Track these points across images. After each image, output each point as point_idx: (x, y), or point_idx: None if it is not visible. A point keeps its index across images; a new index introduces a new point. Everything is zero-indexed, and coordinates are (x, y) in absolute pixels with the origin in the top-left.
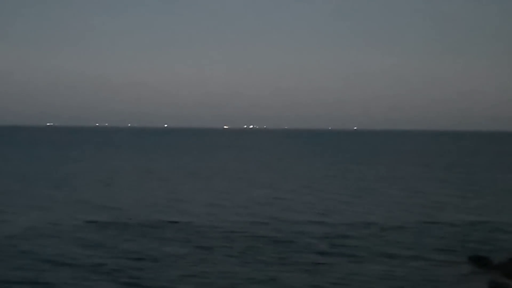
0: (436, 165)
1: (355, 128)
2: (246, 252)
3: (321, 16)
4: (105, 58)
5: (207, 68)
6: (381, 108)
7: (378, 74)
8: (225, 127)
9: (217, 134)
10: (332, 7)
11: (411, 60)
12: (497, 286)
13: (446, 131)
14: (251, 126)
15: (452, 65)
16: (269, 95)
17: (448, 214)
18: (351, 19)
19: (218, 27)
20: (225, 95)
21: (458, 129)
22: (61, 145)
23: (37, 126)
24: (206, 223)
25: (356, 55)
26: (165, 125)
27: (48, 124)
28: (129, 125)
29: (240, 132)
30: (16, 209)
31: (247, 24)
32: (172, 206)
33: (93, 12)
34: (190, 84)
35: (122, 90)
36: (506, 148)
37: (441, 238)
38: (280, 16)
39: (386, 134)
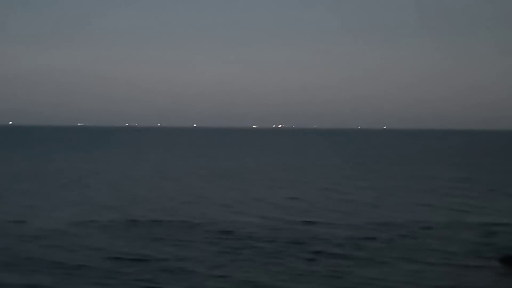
0: (463, 165)
1: (384, 127)
2: (269, 253)
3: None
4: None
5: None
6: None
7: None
8: (253, 126)
9: (245, 134)
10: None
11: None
12: None
13: (485, 130)
14: (280, 126)
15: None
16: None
17: (476, 215)
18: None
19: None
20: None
21: (495, 128)
22: (94, 145)
23: (70, 126)
24: (230, 224)
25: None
26: (194, 125)
27: (79, 124)
28: (159, 125)
29: (269, 131)
30: (37, 210)
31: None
32: (195, 207)
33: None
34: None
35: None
36: None
37: (469, 240)
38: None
39: (416, 134)
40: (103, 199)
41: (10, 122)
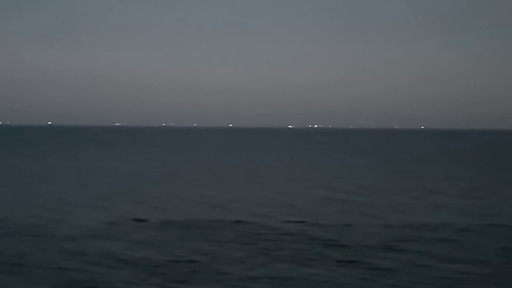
0: (499, 165)
1: (422, 127)
2: (302, 255)
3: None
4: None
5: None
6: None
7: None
8: (289, 126)
9: (280, 134)
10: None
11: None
12: None
13: None
14: (316, 126)
15: None
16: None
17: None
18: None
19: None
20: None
21: None
22: (131, 145)
23: (106, 126)
24: (263, 224)
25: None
26: (230, 125)
27: (117, 124)
28: (195, 125)
29: (304, 131)
30: (72, 208)
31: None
32: (229, 206)
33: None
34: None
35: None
36: None
37: (507, 242)
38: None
39: (454, 133)
40: (137, 198)
41: (50, 122)
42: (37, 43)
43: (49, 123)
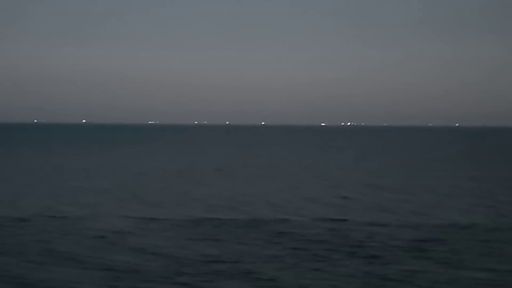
0: None
1: (457, 124)
2: (329, 255)
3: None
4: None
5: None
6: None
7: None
8: (322, 124)
9: (313, 132)
10: None
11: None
12: None
13: None
14: (349, 124)
15: None
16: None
17: None
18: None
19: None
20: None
21: None
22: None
23: (140, 124)
24: (289, 224)
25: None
26: (263, 123)
27: (150, 122)
28: (227, 122)
29: (337, 129)
30: (114, 204)
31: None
32: (256, 204)
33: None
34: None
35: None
36: None
37: None
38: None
39: (489, 132)
40: (167, 198)
41: (84, 121)
42: (64, 42)
43: (84, 121)
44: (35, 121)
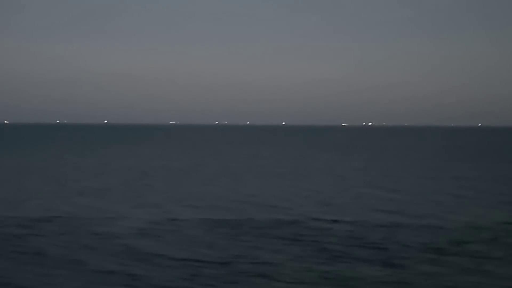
0: None
1: (479, 124)
2: (348, 256)
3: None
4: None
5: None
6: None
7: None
8: (343, 124)
9: (334, 132)
10: None
11: None
12: None
13: None
14: (370, 123)
15: None
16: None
17: None
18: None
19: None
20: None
21: None
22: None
23: (162, 124)
24: (312, 225)
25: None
26: (283, 123)
27: (171, 122)
28: (248, 123)
29: (358, 129)
30: (124, 207)
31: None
32: (275, 204)
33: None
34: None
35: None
36: None
37: None
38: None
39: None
40: (188, 198)
41: (106, 121)
42: (82, 43)
43: (105, 121)
44: (57, 121)
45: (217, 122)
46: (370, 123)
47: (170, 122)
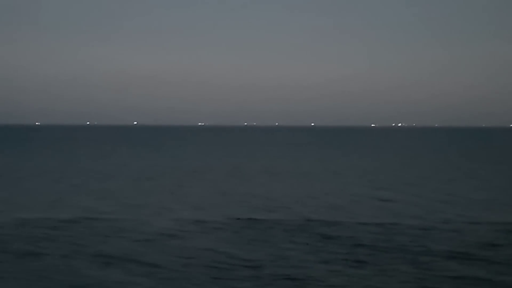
0: None
1: (511, 125)
2: (377, 260)
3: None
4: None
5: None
6: None
7: None
8: (372, 125)
9: (362, 133)
10: None
11: None
12: None
13: None
14: (400, 124)
15: None
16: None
17: None
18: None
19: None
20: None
21: None
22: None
23: (189, 126)
24: (336, 226)
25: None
26: (312, 124)
27: (200, 124)
28: (277, 124)
29: (388, 130)
30: (163, 206)
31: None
32: (309, 206)
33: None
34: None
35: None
36: None
37: None
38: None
39: None
40: (211, 198)
41: (135, 122)
42: (101, 44)
43: (135, 123)
44: (88, 123)
45: (246, 124)
46: (400, 124)
47: (199, 124)
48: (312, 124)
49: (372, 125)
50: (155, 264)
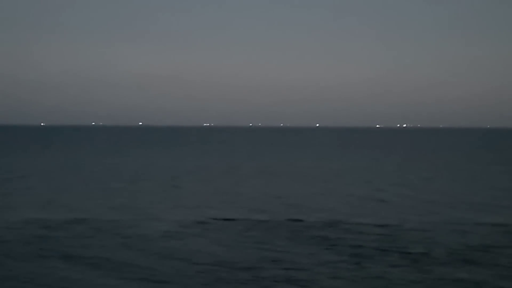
0: None
1: None
2: (382, 262)
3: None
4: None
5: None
6: None
7: None
8: (377, 126)
9: (367, 133)
10: None
11: None
12: None
13: None
14: (404, 125)
15: None
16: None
17: None
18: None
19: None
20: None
21: None
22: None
23: (195, 126)
24: (347, 228)
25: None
26: (317, 125)
27: (204, 124)
28: (281, 124)
29: (393, 131)
30: (163, 207)
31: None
32: (311, 207)
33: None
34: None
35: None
36: None
37: None
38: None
39: None
40: (216, 198)
41: (140, 123)
42: (116, 44)
43: (140, 123)
44: (93, 123)
45: (251, 124)
46: (404, 125)
47: (204, 124)
48: (317, 125)
49: (377, 126)
50: (150, 267)
